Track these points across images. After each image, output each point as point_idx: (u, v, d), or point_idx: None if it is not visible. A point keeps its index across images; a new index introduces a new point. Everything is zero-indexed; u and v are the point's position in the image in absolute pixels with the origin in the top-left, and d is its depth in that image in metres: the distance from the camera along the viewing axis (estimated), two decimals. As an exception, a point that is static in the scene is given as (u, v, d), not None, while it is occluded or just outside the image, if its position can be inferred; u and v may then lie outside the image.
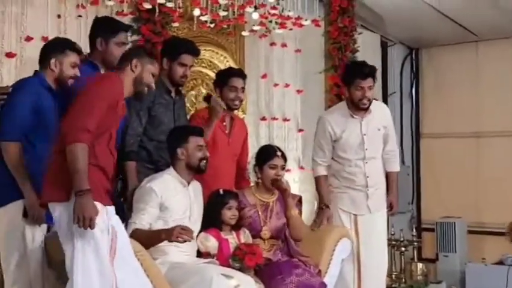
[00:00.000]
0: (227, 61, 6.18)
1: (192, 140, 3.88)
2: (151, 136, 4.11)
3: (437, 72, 8.12)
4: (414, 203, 8.11)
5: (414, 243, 7.10)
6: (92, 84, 3.26)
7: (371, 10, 7.04)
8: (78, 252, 3.05)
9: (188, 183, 3.90)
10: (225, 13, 5.55)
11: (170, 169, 3.88)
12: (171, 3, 5.14)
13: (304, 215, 4.58)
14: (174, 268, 3.65)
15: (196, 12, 5.40)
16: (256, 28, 5.98)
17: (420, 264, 7.07)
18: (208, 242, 3.91)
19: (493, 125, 7.64)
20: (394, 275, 6.76)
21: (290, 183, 4.47)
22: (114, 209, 3.26)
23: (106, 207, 3.16)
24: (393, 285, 6.62)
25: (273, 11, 5.79)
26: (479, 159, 7.76)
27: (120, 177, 3.99)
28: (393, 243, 6.74)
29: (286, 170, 4.50)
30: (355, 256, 4.54)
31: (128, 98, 3.45)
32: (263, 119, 6.37)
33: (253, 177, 4.26)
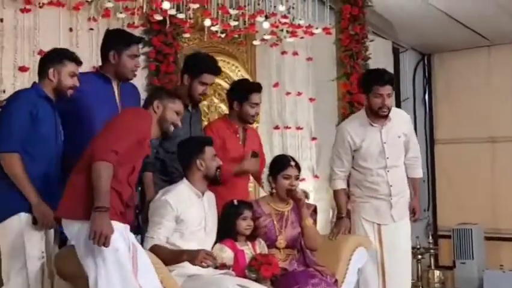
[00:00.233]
0: (238, 70, 6.19)
1: (208, 150, 3.87)
2: (167, 148, 4.11)
3: (449, 77, 8.07)
4: (430, 210, 8.05)
5: (431, 251, 7.06)
6: (129, 114, 3.39)
7: (382, 17, 7.02)
8: (101, 268, 3.07)
9: (203, 194, 3.89)
10: (235, 23, 5.56)
11: (184, 180, 3.86)
12: (182, 15, 5.16)
13: (319, 224, 4.55)
14: (190, 280, 3.63)
15: (207, 22, 5.42)
16: (267, 37, 5.98)
17: (437, 272, 7.03)
18: (224, 253, 3.88)
19: (507, 129, 7.56)
20: (411, 283, 6.68)
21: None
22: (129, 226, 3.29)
23: (125, 225, 3.21)
24: (411, 294, 6.57)
25: (283, 20, 5.79)
26: (494, 164, 7.70)
27: (138, 189, 3.99)
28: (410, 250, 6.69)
29: (301, 180, 4.48)
30: (379, 265, 4.49)
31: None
32: (276, 128, 6.36)
33: (267, 188, 4.24)
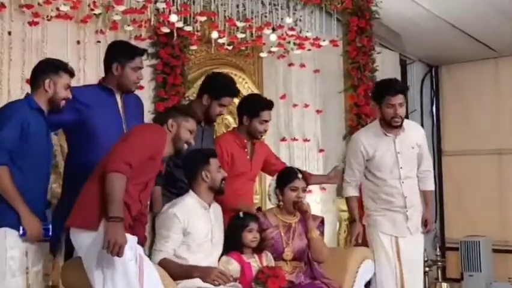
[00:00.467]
0: (245, 82, 6.19)
1: (213, 162, 3.87)
2: (178, 163, 4.08)
3: (457, 89, 8.06)
4: (437, 222, 7.99)
5: (438, 263, 7.02)
6: (145, 129, 3.47)
7: (389, 29, 7.03)
8: (107, 281, 3.09)
9: (209, 206, 3.89)
10: (242, 35, 5.58)
11: (191, 193, 3.85)
12: (189, 27, 5.18)
13: (326, 236, 4.54)
14: (197, 293, 3.63)
15: (214, 35, 5.43)
16: (274, 49, 6.00)
17: (445, 284, 6.98)
18: (230, 266, 3.87)
19: (515, 141, 7.56)
20: (419, 296, 6.68)
21: (312, 204, 4.44)
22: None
23: (133, 237, 3.21)
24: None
25: (290, 32, 5.82)
26: (502, 176, 7.66)
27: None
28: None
29: (308, 191, 4.48)
30: (398, 279, 4.44)
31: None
32: (283, 139, 6.36)
33: (274, 200, 4.24)
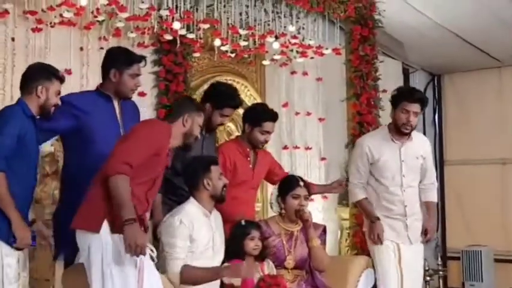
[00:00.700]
0: (248, 90, 6.19)
1: (214, 169, 3.86)
2: (179, 171, 4.09)
3: (459, 98, 8.07)
4: (439, 231, 7.98)
5: (440, 272, 7.01)
6: (144, 126, 3.41)
7: (391, 37, 7.03)
8: (107, 282, 3.10)
9: (210, 213, 3.88)
10: (245, 43, 5.58)
11: (192, 200, 3.83)
12: (192, 34, 5.18)
13: (328, 245, 4.53)
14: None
15: (217, 42, 5.43)
16: (277, 57, 5.99)
17: (446, 294, 6.97)
18: (232, 274, 3.87)
19: (518, 151, 7.56)
20: (420, 305, 6.65)
21: (314, 213, 4.43)
22: None
23: None
24: (420, 316, 6.51)
25: (293, 40, 5.81)
26: (504, 185, 7.66)
27: None
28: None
29: (310, 200, 4.47)
30: (400, 285, 4.44)
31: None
32: (285, 147, 6.35)
33: (276, 208, 4.23)
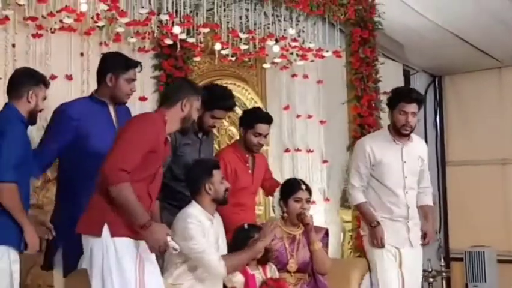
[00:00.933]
0: (248, 93, 6.19)
1: (216, 174, 3.85)
2: (177, 175, 4.11)
3: (460, 99, 8.06)
4: (441, 232, 7.98)
5: (443, 274, 7.00)
6: (133, 125, 3.28)
7: (392, 39, 7.03)
8: (108, 284, 3.12)
9: (213, 216, 3.87)
10: (245, 46, 5.59)
11: (194, 204, 3.81)
12: (192, 39, 5.18)
13: (330, 248, 4.52)
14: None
15: (217, 46, 5.44)
16: (277, 60, 6.00)
17: (449, 295, 6.95)
18: (235, 277, 3.85)
19: (519, 151, 7.55)
20: (423, 307, 6.65)
21: (316, 216, 4.42)
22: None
23: (137, 241, 3.20)
24: (423, 318, 6.51)
25: (294, 43, 5.82)
26: (506, 186, 7.65)
27: None
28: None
29: (312, 203, 4.46)
30: None
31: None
32: (287, 150, 6.36)
33: (278, 211, 4.23)
